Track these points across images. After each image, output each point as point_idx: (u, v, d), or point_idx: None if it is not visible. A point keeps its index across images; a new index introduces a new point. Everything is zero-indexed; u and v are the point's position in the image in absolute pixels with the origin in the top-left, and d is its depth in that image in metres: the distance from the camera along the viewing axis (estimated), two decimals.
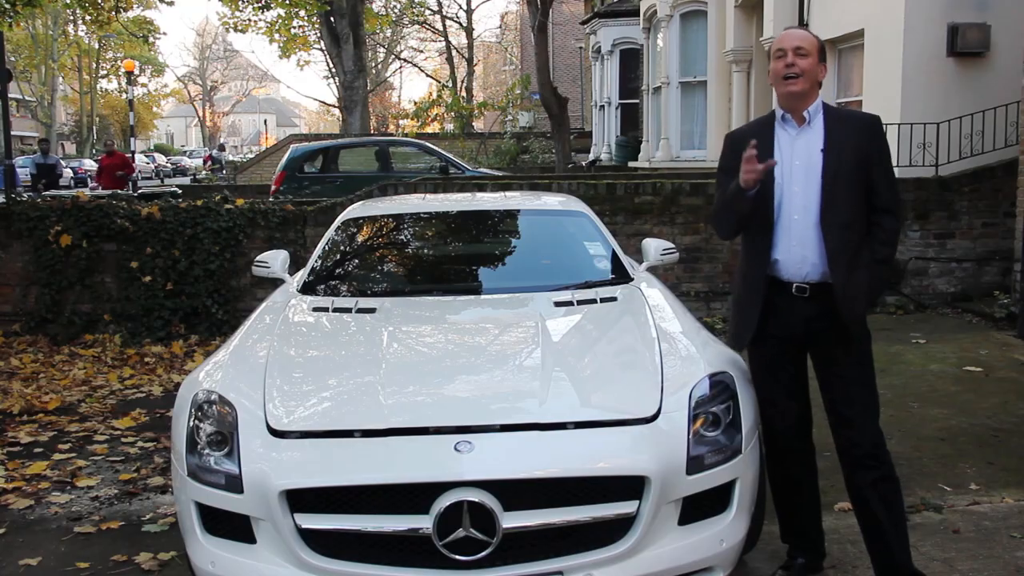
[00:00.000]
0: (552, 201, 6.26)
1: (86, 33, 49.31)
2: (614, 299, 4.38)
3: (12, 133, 16.67)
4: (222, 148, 55.45)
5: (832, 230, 3.52)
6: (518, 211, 5.71)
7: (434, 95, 33.66)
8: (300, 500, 3.05)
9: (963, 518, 4.33)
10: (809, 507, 3.82)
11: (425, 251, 5.52)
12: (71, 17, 46.38)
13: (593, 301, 4.34)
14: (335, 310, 4.38)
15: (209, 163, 41.66)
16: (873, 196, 3.56)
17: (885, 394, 6.34)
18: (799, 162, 3.57)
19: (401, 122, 35.86)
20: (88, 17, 14.51)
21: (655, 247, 5.47)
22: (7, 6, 12.45)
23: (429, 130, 30.06)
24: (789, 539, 3.88)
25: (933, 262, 9.56)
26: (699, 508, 3.21)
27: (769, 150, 3.58)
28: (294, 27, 25.71)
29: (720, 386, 3.43)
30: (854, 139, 3.54)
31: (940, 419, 5.82)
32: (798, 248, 3.56)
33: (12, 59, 45.64)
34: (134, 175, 16.70)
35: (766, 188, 3.57)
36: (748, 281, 3.70)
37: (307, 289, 4.79)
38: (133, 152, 35.25)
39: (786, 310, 3.59)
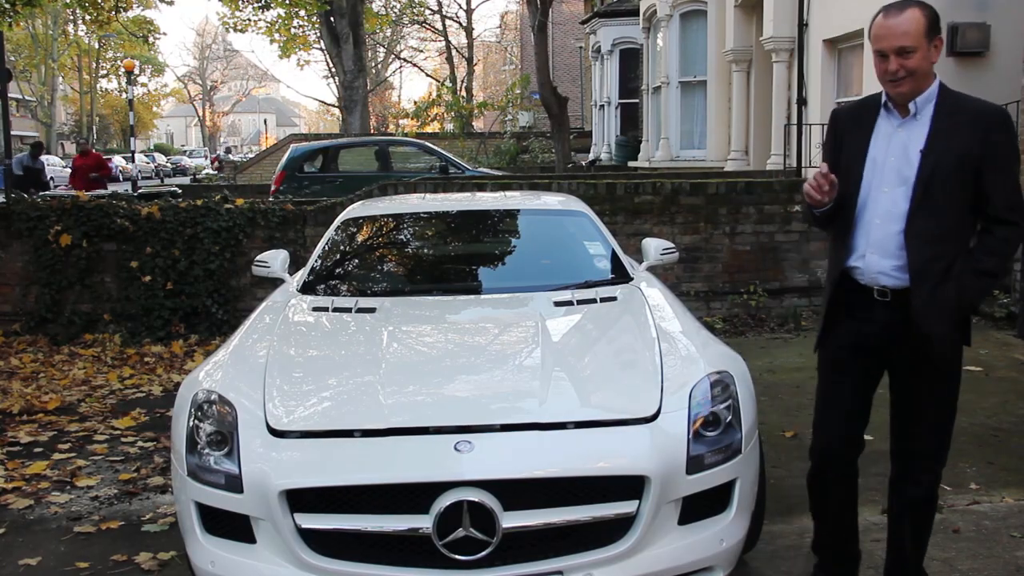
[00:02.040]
0: (552, 201, 6.26)
1: (86, 33, 49.30)
2: (614, 299, 4.38)
3: (12, 133, 16.67)
4: (228, 151, 55.57)
5: (919, 242, 3.12)
6: (518, 211, 5.71)
7: (434, 95, 33.70)
8: (300, 500, 3.05)
9: (963, 517, 4.33)
10: (836, 529, 3.60)
11: (425, 251, 5.52)
12: (71, 17, 46.40)
13: (593, 301, 4.34)
14: (335, 310, 4.38)
15: (216, 164, 41.75)
16: (985, 203, 3.13)
17: (884, 393, 6.34)
18: (893, 159, 3.19)
19: (401, 122, 35.89)
20: (88, 17, 14.51)
21: (655, 247, 5.47)
22: (7, 6, 12.46)
23: (429, 130, 30.09)
24: (817, 551, 3.72)
25: None
26: (699, 508, 3.21)
27: (866, 139, 3.24)
28: (294, 27, 25.72)
29: (720, 386, 3.42)
30: (964, 137, 3.09)
31: None
32: (875, 256, 3.20)
33: (12, 59, 45.64)
34: (111, 176, 15.77)
35: (852, 182, 3.24)
36: (829, 279, 3.41)
37: (307, 289, 4.79)
38: (133, 152, 35.31)
39: (864, 314, 3.28)
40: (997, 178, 3.09)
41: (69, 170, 41.67)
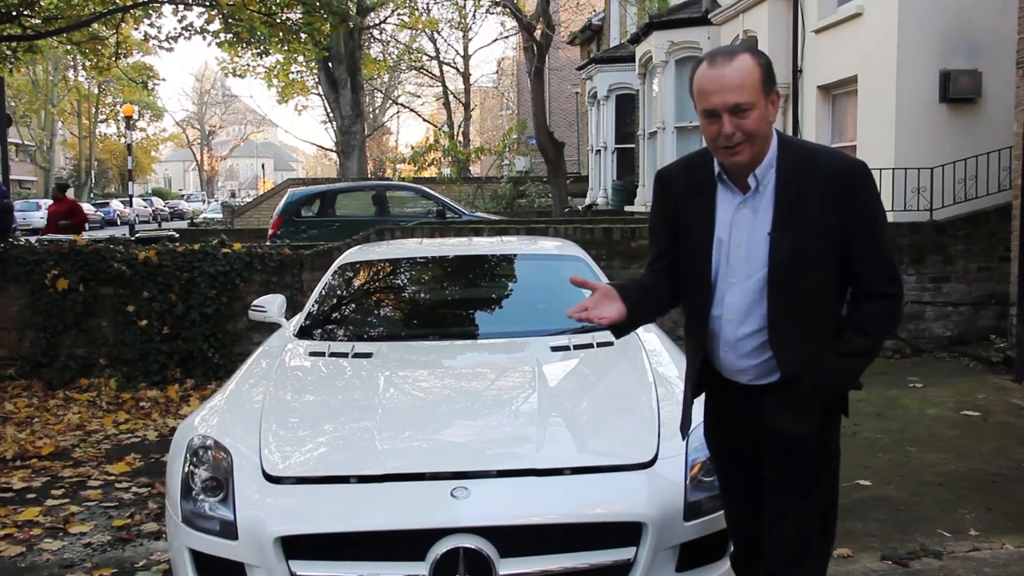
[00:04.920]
0: (548, 245, 6.28)
1: (86, 78, 49.65)
2: (610, 344, 4.38)
3: (11, 177, 16.71)
4: (233, 195, 55.86)
5: (785, 351, 2.59)
6: (514, 256, 5.72)
7: (431, 140, 33.88)
8: (295, 547, 3.03)
9: (963, 564, 4.30)
10: None
11: (422, 295, 5.52)
12: (71, 63, 46.79)
13: (590, 346, 4.34)
14: (331, 355, 4.38)
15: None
16: (854, 280, 2.59)
17: (883, 439, 6.34)
18: (740, 246, 2.61)
19: (398, 166, 36.06)
20: (88, 63, 14.60)
21: None
22: (8, 52, 12.56)
23: (426, 174, 30.20)
24: None
25: (929, 306, 9.57)
26: (697, 554, 3.19)
27: (711, 214, 2.66)
28: (292, 72, 25.96)
29: None
30: (819, 207, 2.52)
31: (939, 464, 5.79)
32: (731, 356, 2.68)
33: (12, 104, 45.96)
34: (84, 223, 14.54)
35: (697, 267, 2.69)
36: (690, 366, 2.87)
37: (304, 334, 4.79)
38: (131, 196, 35.39)
39: (728, 405, 2.79)
40: (867, 249, 2.54)
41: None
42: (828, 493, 2.72)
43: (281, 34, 12.90)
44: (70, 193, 16.08)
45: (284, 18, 13.10)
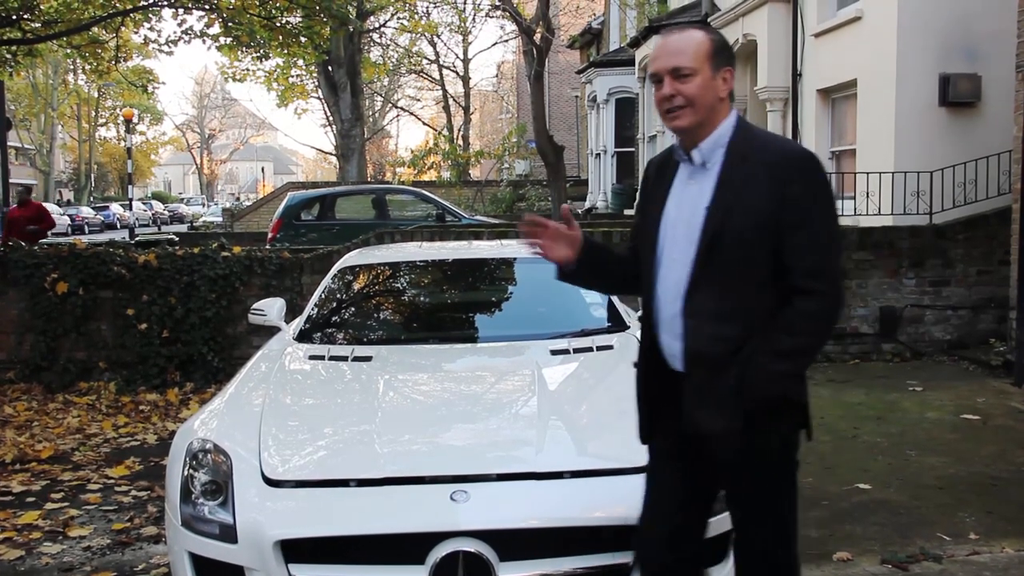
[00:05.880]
0: None
1: (86, 82, 49.76)
2: (610, 347, 4.38)
3: (11, 181, 16.70)
4: (238, 199, 56.04)
5: (696, 321, 2.53)
6: (514, 259, 5.72)
7: (431, 143, 33.95)
8: (295, 550, 3.02)
9: (963, 568, 4.29)
10: None
11: (421, 299, 5.53)
12: (71, 66, 46.77)
13: (589, 349, 4.34)
14: (331, 358, 4.38)
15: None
16: (784, 273, 2.49)
17: (882, 442, 6.34)
18: (682, 220, 2.59)
19: (398, 170, 36.10)
20: (88, 66, 14.62)
21: None
22: (8, 55, 12.57)
23: (426, 178, 30.25)
24: None
25: (928, 310, 9.57)
26: None
27: (665, 193, 2.68)
28: (292, 76, 25.99)
29: None
30: (758, 189, 2.48)
31: (938, 467, 5.79)
32: (667, 337, 2.62)
33: (12, 108, 46.01)
34: (50, 228, 14.33)
35: (648, 245, 2.68)
36: (640, 348, 2.79)
37: (303, 337, 4.79)
38: (131, 200, 35.44)
39: (666, 400, 2.67)
40: (797, 239, 2.46)
41: (67, 217, 41.89)
42: (788, 515, 2.69)
43: (281, 38, 12.91)
44: (68, 196, 16.00)
45: (284, 22, 13.11)
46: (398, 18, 29.88)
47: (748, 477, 2.60)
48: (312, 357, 4.46)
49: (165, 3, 12.35)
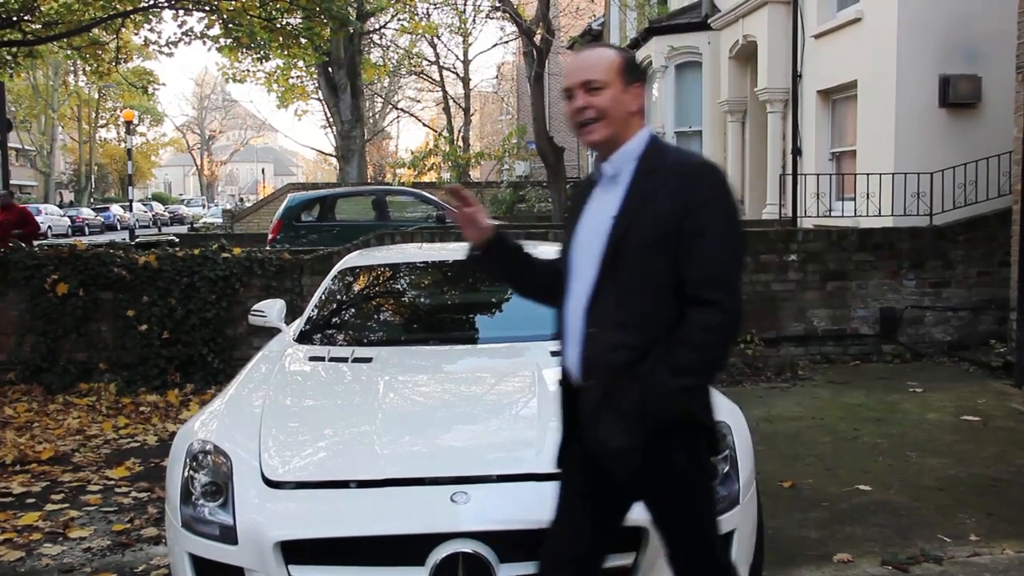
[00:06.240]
0: (549, 250, 6.27)
1: (86, 83, 49.81)
2: None
3: (11, 182, 16.69)
4: (241, 200, 56.12)
5: (596, 329, 2.53)
6: None
7: (431, 144, 33.96)
8: (295, 551, 3.02)
9: (963, 570, 4.29)
10: None
11: (421, 300, 5.53)
12: (72, 68, 46.85)
13: None
14: (331, 359, 4.38)
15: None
16: (686, 280, 2.46)
17: (882, 443, 6.34)
18: (594, 229, 2.61)
19: (398, 171, 36.12)
20: (88, 68, 14.62)
21: None
22: (8, 57, 12.58)
23: (426, 179, 30.25)
24: None
25: (929, 311, 9.57)
26: None
27: (582, 207, 2.71)
28: (292, 77, 25.99)
29: None
30: (661, 199, 2.48)
31: (939, 468, 5.79)
32: (572, 348, 2.62)
33: (12, 109, 46.00)
34: (36, 232, 13.95)
35: (565, 259, 2.71)
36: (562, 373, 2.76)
37: (303, 338, 4.79)
38: (131, 201, 35.45)
39: (576, 415, 2.65)
40: (694, 248, 2.45)
41: (67, 219, 41.89)
42: (705, 528, 2.62)
43: (281, 39, 12.91)
44: (68, 197, 15.89)
45: (284, 23, 13.11)
46: (398, 19, 29.89)
47: (655, 496, 2.56)
48: (312, 358, 4.46)
49: (165, 4, 12.34)
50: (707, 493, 2.62)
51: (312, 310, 5.10)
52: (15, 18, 11.31)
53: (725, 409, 3.66)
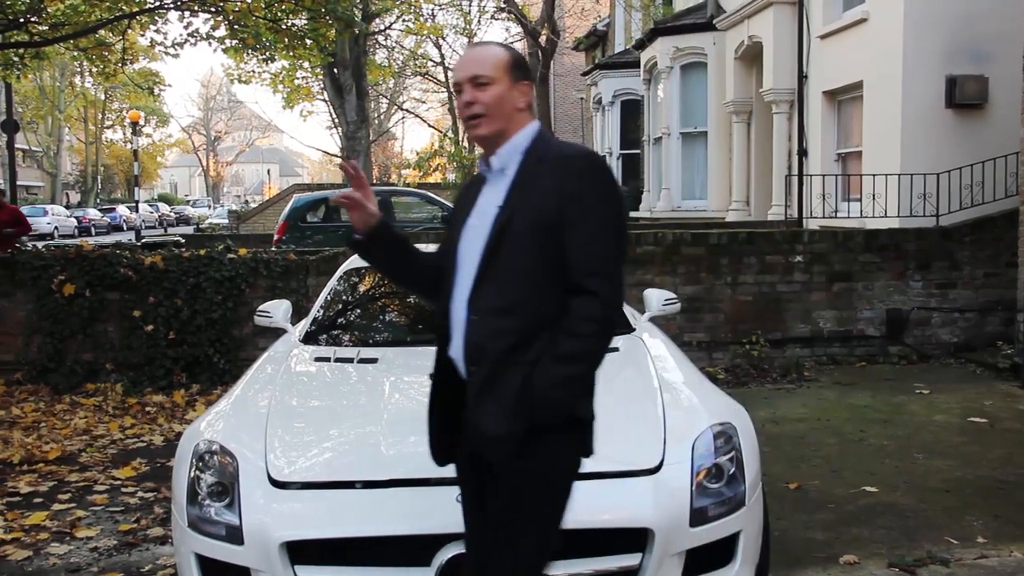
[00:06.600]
0: None
1: (92, 84, 49.92)
2: (616, 349, 4.37)
3: (18, 183, 16.73)
4: (247, 202, 56.27)
5: (479, 317, 2.51)
6: None
7: (436, 145, 33.93)
8: (301, 552, 3.03)
9: (970, 572, 4.28)
10: None
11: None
12: (78, 69, 46.90)
13: None
14: (337, 360, 4.38)
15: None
16: (567, 269, 2.47)
17: (889, 445, 6.33)
18: (480, 221, 2.62)
19: (403, 172, 36.14)
20: (95, 69, 14.66)
21: (657, 297, 5.47)
22: (15, 58, 12.61)
23: (431, 180, 30.25)
24: None
25: (935, 312, 9.55)
26: (703, 560, 3.18)
27: (472, 202, 2.70)
28: (298, 78, 25.98)
29: (723, 437, 3.41)
30: (544, 189, 2.51)
31: (945, 470, 5.78)
32: (456, 338, 2.59)
33: (19, 110, 46.20)
34: (27, 232, 13.75)
35: (450, 255, 2.68)
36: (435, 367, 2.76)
37: (309, 339, 4.79)
38: (137, 202, 35.51)
39: (460, 407, 2.61)
40: (575, 237, 2.46)
41: (74, 219, 41.98)
42: (540, 540, 2.54)
43: (287, 40, 12.93)
44: (74, 198, 15.91)
45: (290, 24, 13.13)
46: (404, 20, 29.88)
47: (515, 484, 2.50)
48: (318, 359, 4.46)
49: (171, 6, 12.37)
50: (565, 494, 2.55)
51: (318, 311, 5.10)
52: (22, 20, 11.35)
53: (730, 410, 3.66)
